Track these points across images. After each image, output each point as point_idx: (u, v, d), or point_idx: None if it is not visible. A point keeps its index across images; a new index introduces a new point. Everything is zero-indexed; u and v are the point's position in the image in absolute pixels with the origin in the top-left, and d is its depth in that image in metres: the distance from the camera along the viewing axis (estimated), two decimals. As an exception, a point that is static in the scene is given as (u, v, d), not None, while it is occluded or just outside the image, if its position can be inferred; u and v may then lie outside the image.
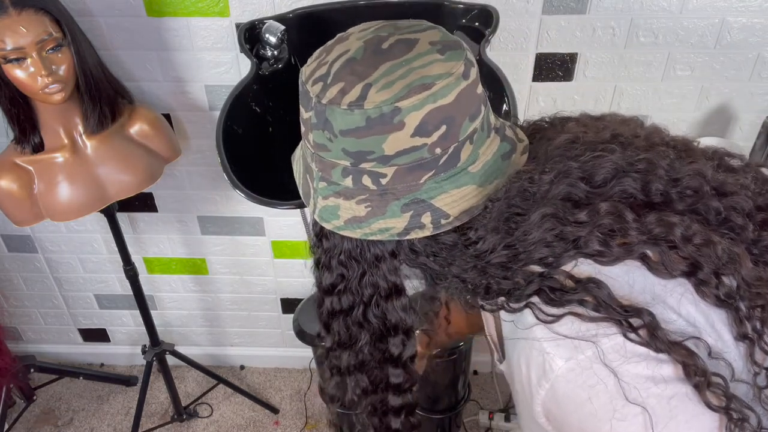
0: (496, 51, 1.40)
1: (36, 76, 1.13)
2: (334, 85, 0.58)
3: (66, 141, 1.30)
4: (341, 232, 0.64)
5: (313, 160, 0.63)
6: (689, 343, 0.53)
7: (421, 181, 0.59)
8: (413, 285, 0.71)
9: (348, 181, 0.61)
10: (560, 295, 0.56)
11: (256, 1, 1.35)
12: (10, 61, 1.12)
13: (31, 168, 1.31)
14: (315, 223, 0.68)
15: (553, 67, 1.43)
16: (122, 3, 1.36)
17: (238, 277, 1.91)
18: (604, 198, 0.57)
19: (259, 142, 1.20)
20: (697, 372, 0.52)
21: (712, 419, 0.52)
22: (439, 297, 0.73)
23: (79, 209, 1.34)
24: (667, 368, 0.53)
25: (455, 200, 0.60)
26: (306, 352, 2.04)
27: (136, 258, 1.67)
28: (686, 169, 0.59)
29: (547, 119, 0.73)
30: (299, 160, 0.71)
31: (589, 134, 0.64)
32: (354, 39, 0.61)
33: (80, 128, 1.30)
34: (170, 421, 1.98)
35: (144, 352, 1.81)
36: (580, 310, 0.55)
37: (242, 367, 2.17)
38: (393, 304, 0.68)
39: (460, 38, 0.62)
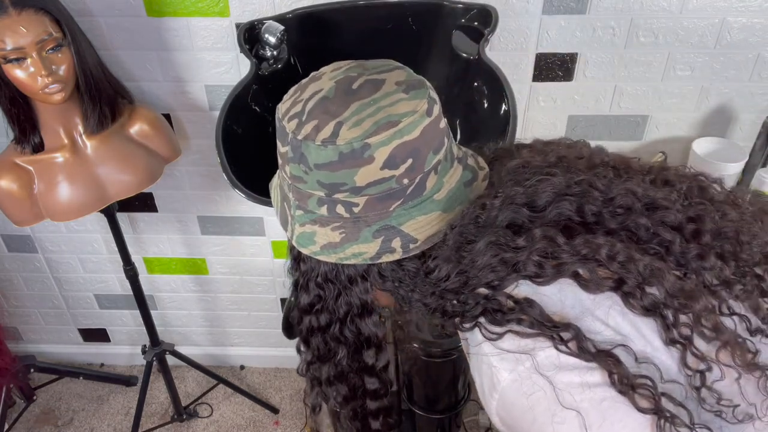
0: (496, 51, 1.40)
1: (36, 76, 1.13)
2: (309, 123, 0.63)
3: (66, 141, 1.30)
4: (318, 257, 0.69)
5: (290, 190, 0.69)
6: (617, 351, 0.59)
7: (391, 209, 0.65)
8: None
9: (323, 210, 0.66)
10: (501, 315, 0.62)
11: (256, 1, 1.35)
12: (10, 61, 1.12)
13: (31, 168, 1.31)
14: (293, 247, 0.73)
15: (553, 67, 1.43)
16: (122, 3, 1.36)
17: (238, 277, 1.91)
18: (543, 222, 0.63)
19: (259, 142, 1.20)
20: (621, 378, 0.57)
21: (643, 419, 0.57)
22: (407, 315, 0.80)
23: (79, 209, 1.34)
24: (597, 375, 0.58)
25: (422, 226, 0.66)
26: (306, 352, 2.03)
27: (136, 258, 1.67)
28: (619, 188, 0.64)
29: (504, 147, 0.79)
30: (276, 188, 0.76)
31: (536, 159, 0.70)
32: (326, 79, 0.66)
33: (80, 128, 1.30)
34: (170, 421, 1.98)
35: (144, 352, 1.81)
36: (517, 327, 0.61)
37: (242, 367, 2.17)
38: (365, 320, 0.74)
39: (423, 78, 0.67)
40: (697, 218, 0.64)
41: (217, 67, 1.46)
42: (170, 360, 1.86)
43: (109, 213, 1.49)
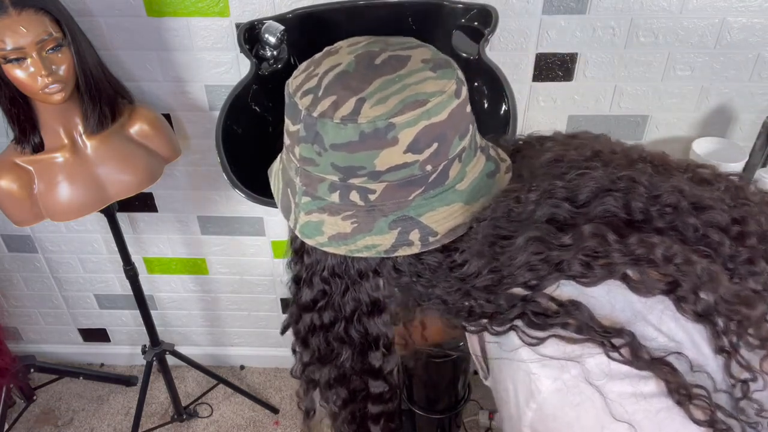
0: (496, 51, 1.40)
1: (36, 76, 1.13)
2: (326, 98, 0.57)
3: (66, 141, 1.30)
4: (325, 249, 0.63)
5: (297, 174, 0.63)
6: (671, 359, 0.54)
7: (410, 198, 0.59)
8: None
9: (334, 197, 0.60)
10: (543, 319, 0.57)
11: (256, 1, 1.35)
12: (10, 61, 1.12)
13: (31, 168, 1.31)
14: (295, 238, 0.67)
15: (553, 67, 1.43)
16: (122, 3, 1.36)
17: (238, 277, 1.91)
18: (588, 219, 0.58)
19: (259, 142, 1.20)
20: (678, 387, 0.53)
21: (698, 431, 0.53)
22: (413, 313, 0.72)
23: (79, 209, 1.34)
24: (651, 384, 0.54)
25: (443, 218, 0.61)
26: (306, 352, 2.04)
27: (136, 258, 1.67)
28: (665, 185, 0.60)
29: (523, 138, 0.74)
30: (277, 173, 0.70)
31: (571, 152, 0.65)
32: (344, 53, 0.61)
33: (80, 128, 1.30)
34: (170, 421, 1.98)
35: (144, 352, 1.81)
36: (563, 332, 0.56)
37: (242, 367, 2.17)
38: (374, 319, 0.68)
39: (450, 58, 0.63)
40: (742, 220, 0.60)
41: (217, 67, 1.46)
42: (170, 360, 1.86)
43: (109, 213, 1.49)
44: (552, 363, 0.55)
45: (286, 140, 0.64)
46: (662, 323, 0.56)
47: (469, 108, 0.61)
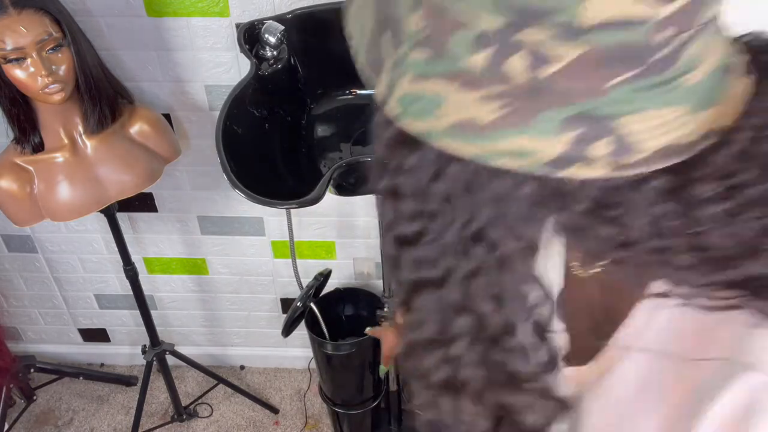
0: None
1: (36, 76, 1.13)
2: None
3: (66, 141, 1.30)
4: (440, 143, 0.36)
5: (414, 8, 0.36)
6: None
7: (609, 85, 0.33)
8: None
9: (480, 58, 0.34)
10: None
11: (256, 1, 1.35)
12: (10, 61, 1.12)
13: (31, 168, 1.31)
14: (386, 121, 0.39)
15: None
16: (122, 3, 1.36)
17: (238, 277, 1.91)
18: None
19: (259, 142, 1.20)
20: None
21: None
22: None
23: (79, 209, 1.34)
24: None
25: (655, 126, 0.35)
26: (306, 352, 2.04)
27: (136, 258, 1.67)
28: None
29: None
30: (364, 4, 0.41)
31: None
32: None
33: (80, 128, 1.30)
34: (170, 421, 1.98)
35: (144, 352, 1.81)
36: None
37: (242, 367, 2.17)
38: (520, 274, 0.40)
39: None
40: None
41: (217, 67, 1.46)
42: (170, 360, 1.86)
43: (109, 213, 1.49)
44: None
45: None
46: None
47: None
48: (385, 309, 1.59)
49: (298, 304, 1.56)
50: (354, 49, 0.42)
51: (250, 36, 1.22)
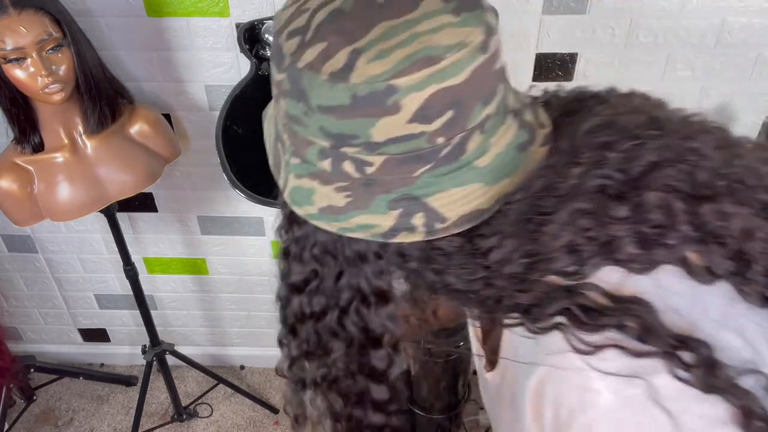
0: (496, 51, 1.40)
1: (36, 76, 1.13)
2: (315, 45, 0.46)
3: (66, 141, 1.30)
4: (314, 222, 0.52)
5: (285, 131, 0.52)
6: (749, 378, 0.44)
7: (416, 175, 0.48)
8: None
9: (325, 164, 0.49)
10: (595, 317, 0.45)
11: (256, 1, 1.35)
12: (10, 61, 1.12)
13: (31, 168, 1.31)
14: (285, 203, 0.55)
15: (553, 67, 1.43)
16: (122, 3, 1.36)
17: (238, 277, 1.91)
18: (648, 190, 0.47)
19: (259, 142, 1.20)
20: (757, 417, 0.43)
21: None
22: (425, 304, 0.60)
23: (79, 209, 1.34)
24: (727, 409, 0.43)
25: (455, 200, 0.49)
26: (306, 352, 2.04)
27: (136, 258, 1.67)
28: (733, 160, 0.50)
29: (574, 96, 0.62)
30: (271, 119, 0.57)
31: (622, 117, 0.53)
32: None
33: (80, 128, 1.31)
34: (170, 421, 1.98)
35: (144, 352, 1.81)
36: (622, 339, 0.45)
37: (242, 367, 2.17)
38: (377, 312, 0.55)
39: None
40: None
41: (217, 67, 1.46)
42: (170, 360, 1.86)
43: (109, 213, 1.49)
44: (611, 376, 0.44)
45: (273, 88, 0.52)
46: (740, 324, 0.46)
47: (499, 63, 0.49)
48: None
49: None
50: (267, 150, 0.59)
51: (250, 36, 1.22)
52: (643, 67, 1.41)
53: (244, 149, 1.13)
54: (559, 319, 0.47)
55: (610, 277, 0.47)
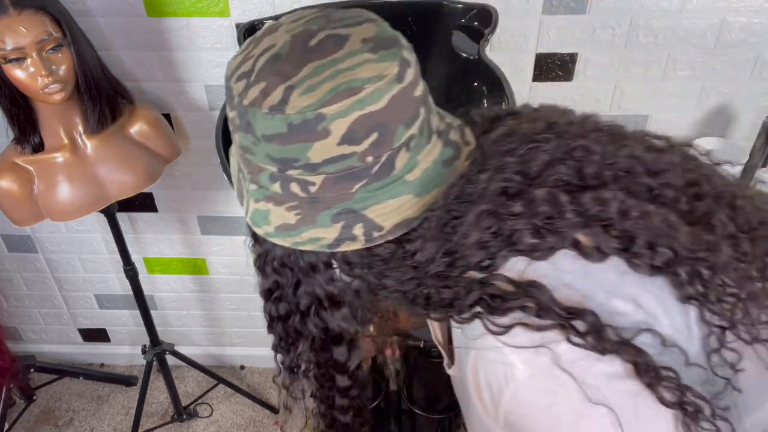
0: (496, 51, 1.40)
1: (36, 76, 1.13)
2: (257, 85, 0.55)
3: (66, 141, 1.30)
4: (271, 239, 0.62)
5: (242, 161, 0.61)
6: (641, 337, 0.52)
7: (353, 191, 0.57)
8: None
9: (276, 187, 0.58)
10: (500, 302, 0.54)
11: (256, 1, 1.35)
12: (10, 61, 1.12)
13: (31, 168, 1.31)
14: (248, 225, 0.66)
15: (553, 67, 1.43)
16: (122, 3, 1.36)
17: (238, 277, 1.91)
18: (540, 187, 0.56)
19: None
20: (648, 369, 0.51)
21: (669, 413, 0.52)
22: (375, 304, 0.70)
23: (79, 209, 1.34)
24: (622, 366, 0.52)
25: (389, 211, 0.58)
26: (306, 352, 2.04)
27: (136, 258, 1.67)
28: (619, 152, 0.58)
29: (495, 115, 0.70)
30: (233, 154, 0.68)
31: (523, 125, 0.62)
32: (283, 31, 0.58)
33: (80, 128, 1.30)
34: (170, 421, 1.98)
35: (144, 352, 1.81)
36: (524, 317, 0.53)
37: (242, 367, 2.17)
38: (332, 314, 0.65)
39: (398, 34, 0.59)
40: (696, 182, 0.59)
41: (217, 67, 1.46)
42: (170, 360, 1.86)
43: (109, 213, 1.49)
44: (522, 350, 0.53)
45: (229, 125, 0.61)
46: (626, 291, 0.55)
47: (419, 91, 0.57)
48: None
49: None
50: (233, 182, 0.69)
51: (250, 36, 1.22)
52: (643, 67, 1.41)
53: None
54: (477, 308, 0.55)
55: (516, 266, 0.56)
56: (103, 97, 1.28)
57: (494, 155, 0.59)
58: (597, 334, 0.52)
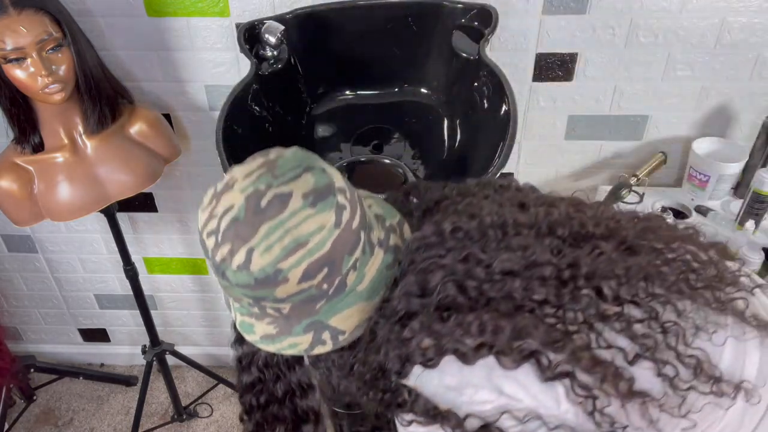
0: (496, 51, 1.40)
1: (36, 76, 1.13)
2: (224, 246, 0.65)
3: (66, 141, 1.30)
4: (258, 346, 0.75)
5: (223, 289, 0.73)
6: (503, 419, 0.64)
7: (317, 308, 0.69)
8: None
9: (255, 309, 0.71)
10: (403, 404, 0.69)
11: (256, 1, 1.35)
12: (10, 61, 1.12)
13: (31, 168, 1.31)
14: (233, 327, 0.79)
15: (553, 67, 1.43)
16: (122, 3, 1.36)
17: (238, 277, 1.91)
18: (432, 308, 0.67)
19: (259, 142, 1.20)
20: None
21: None
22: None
23: (79, 209, 1.34)
24: None
25: (348, 317, 0.70)
26: (306, 352, 2.04)
27: (136, 258, 1.67)
28: (500, 256, 0.68)
29: (435, 198, 0.81)
30: None
31: (431, 237, 0.72)
32: (237, 191, 0.68)
33: (80, 128, 1.30)
34: (170, 421, 1.98)
35: (144, 352, 1.81)
36: (415, 417, 0.68)
37: (242, 367, 2.17)
38: (304, 400, 0.85)
39: (333, 179, 0.67)
40: (573, 264, 0.68)
41: (217, 67, 1.46)
42: (170, 360, 1.86)
43: (109, 213, 1.49)
44: None
45: (209, 265, 0.75)
46: (496, 383, 0.65)
47: (356, 221, 0.68)
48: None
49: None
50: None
51: (250, 36, 1.22)
52: (643, 67, 1.41)
53: (244, 149, 1.13)
54: (392, 407, 0.71)
55: (415, 373, 0.68)
56: (103, 97, 1.28)
57: (406, 269, 0.71)
58: (460, 426, 0.66)
